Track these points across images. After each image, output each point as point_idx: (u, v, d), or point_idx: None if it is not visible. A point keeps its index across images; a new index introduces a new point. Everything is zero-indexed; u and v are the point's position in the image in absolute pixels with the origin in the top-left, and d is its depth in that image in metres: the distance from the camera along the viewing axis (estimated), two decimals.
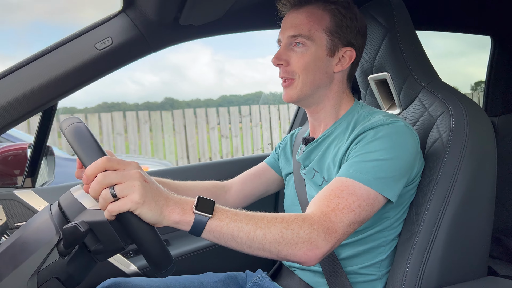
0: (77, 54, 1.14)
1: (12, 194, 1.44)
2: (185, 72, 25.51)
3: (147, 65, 25.04)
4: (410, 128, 1.01)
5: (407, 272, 1.01)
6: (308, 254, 0.83)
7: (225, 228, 0.80)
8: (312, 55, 1.07)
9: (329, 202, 0.89)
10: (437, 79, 1.22)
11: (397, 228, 1.08)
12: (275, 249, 0.82)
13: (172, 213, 0.77)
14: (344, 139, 1.06)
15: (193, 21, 1.25)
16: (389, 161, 0.94)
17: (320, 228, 0.85)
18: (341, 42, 1.08)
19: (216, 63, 31.19)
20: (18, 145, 1.56)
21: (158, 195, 0.76)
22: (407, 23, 1.21)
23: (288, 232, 0.82)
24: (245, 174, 1.38)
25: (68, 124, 0.85)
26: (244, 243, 0.81)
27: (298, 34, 1.06)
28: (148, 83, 25.05)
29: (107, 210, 0.74)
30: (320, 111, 1.14)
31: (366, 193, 0.91)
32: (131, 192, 0.73)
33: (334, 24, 1.07)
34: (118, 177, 0.73)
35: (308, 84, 1.08)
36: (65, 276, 0.80)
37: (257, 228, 0.81)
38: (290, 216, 0.85)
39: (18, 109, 1.09)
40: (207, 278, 1.23)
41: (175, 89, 23.12)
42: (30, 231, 0.83)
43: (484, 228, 1.06)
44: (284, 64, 1.09)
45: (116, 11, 1.21)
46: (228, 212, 0.82)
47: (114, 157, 1.10)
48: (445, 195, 1.01)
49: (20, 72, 1.11)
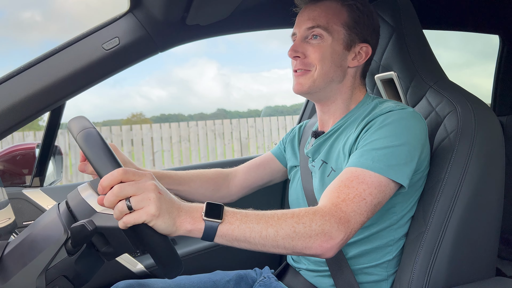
0: (85, 54, 1.15)
1: (20, 193, 1.46)
2: (192, 86, 25.80)
3: (154, 80, 25.37)
4: (419, 115, 1.02)
5: (415, 273, 1.01)
6: (323, 246, 0.83)
7: (237, 231, 0.80)
8: (329, 47, 1.07)
9: (340, 193, 0.89)
10: (444, 78, 1.21)
11: (404, 227, 1.07)
12: (289, 245, 0.82)
13: (184, 223, 0.78)
14: (353, 129, 1.06)
15: (199, 21, 1.25)
16: (399, 147, 0.95)
17: (332, 219, 0.84)
18: (358, 38, 1.08)
19: (222, 77, 31.48)
20: (26, 144, 1.58)
21: (172, 207, 0.77)
22: (414, 22, 1.20)
23: (300, 226, 0.82)
24: (250, 163, 1.38)
25: (79, 128, 0.83)
26: (257, 243, 0.81)
27: (316, 25, 1.06)
28: (156, 98, 25.44)
29: (122, 221, 0.74)
30: (330, 105, 1.14)
31: (377, 180, 0.91)
32: (146, 204, 0.73)
33: (352, 19, 1.07)
34: (134, 189, 0.73)
35: (322, 75, 1.07)
36: (73, 274, 0.81)
37: (268, 226, 0.81)
38: (300, 211, 0.85)
39: (27, 109, 1.10)
40: (218, 277, 1.24)
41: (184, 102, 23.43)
42: (39, 230, 0.83)
43: (492, 228, 1.05)
44: (301, 57, 1.08)
45: (123, 11, 1.22)
46: (238, 214, 0.82)
47: (131, 165, 1.11)
48: (452, 195, 1.01)
49: (29, 72, 1.12)
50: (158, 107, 24.95)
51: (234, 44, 40.97)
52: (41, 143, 1.50)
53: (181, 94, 24.96)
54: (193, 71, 31.88)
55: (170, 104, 24.27)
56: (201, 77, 33.30)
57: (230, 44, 40.25)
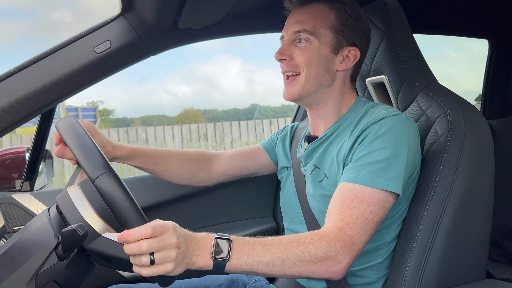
0: (76, 57, 1.15)
1: (10, 198, 1.44)
2: (216, 82, 26.20)
3: (179, 77, 25.78)
4: (411, 121, 1.03)
5: (406, 275, 1.01)
6: (330, 271, 0.89)
7: (244, 266, 0.85)
8: (316, 50, 1.07)
9: (343, 215, 0.92)
10: (434, 82, 1.22)
11: (396, 230, 1.08)
12: (296, 272, 0.88)
13: (195, 264, 0.84)
14: (347, 135, 1.06)
15: (191, 25, 1.25)
16: (395, 158, 0.96)
17: (337, 244, 0.89)
18: (346, 41, 1.08)
19: (246, 73, 31.62)
20: (16, 148, 1.56)
21: (187, 254, 0.82)
22: (404, 26, 1.21)
23: (306, 255, 0.87)
24: (237, 151, 1.36)
25: (104, 178, 0.77)
26: (265, 273, 0.88)
27: (302, 29, 1.07)
28: (182, 94, 25.79)
29: (139, 270, 0.79)
30: (321, 110, 1.14)
31: (376, 196, 0.94)
32: (166, 261, 0.79)
33: (340, 22, 1.08)
34: (159, 247, 0.78)
35: (310, 80, 1.08)
36: (63, 279, 0.80)
37: (274, 257, 0.86)
38: (306, 238, 0.89)
39: (17, 112, 1.09)
40: (209, 281, 1.23)
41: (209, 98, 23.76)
42: (29, 235, 0.82)
43: (483, 231, 1.06)
44: (288, 59, 1.09)
45: (114, 14, 1.21)
46: (245, 247, 0.86)
47: (108, 144, 1.14)
48: (443, 198, 1.01)
49: (19, 75, 1.11)
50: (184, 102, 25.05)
51: (258, 40, 41.12)
52: (31, 147, 1.49)
53: (205, 90, 25.14)
54: (217, 67, 32.04)
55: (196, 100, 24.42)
56: (225, 73, 33.52)
57: (254, 40, 40.40)
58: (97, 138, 1.10)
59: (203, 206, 1.71)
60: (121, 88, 31.93)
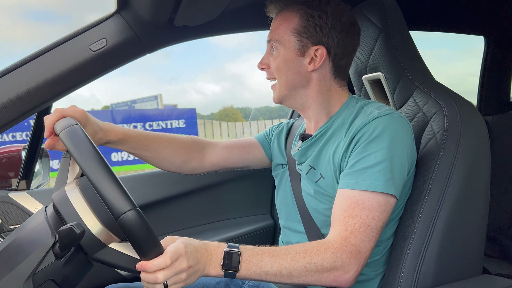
0: (72, 55, 1.14)
1: (6, 197, 1.44)
2: (244, 80, 26.25)
3: (209, 75, 25.80)
4: (405, 119, 1.03)
5: (403, 272, 1.02)
6: (338, 280, 0.93)
7: (253, 276, 0.90)
8: (282, 57, 1.10)
9: (346, 225, 0.94)
10: (430, 78, 1.22)
11: (392, 227, 1.08)
12: (303, 281, 0.92)
13: (207, 274, 0.89)
14: (342, 135, 1.06)
15: (188, 22, 1.25)
16: (392, 159, 0.96)
17: (343, 254, 0.92)
18: (310, 42, 1.08)
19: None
20: (12, 147, 1.55)
21: (198, 269, 0.87)
22: (400, 23, 1.22)
23: (312, 266, 0.91)
24: (232, 142, 1.35)
25: (130, 216, 0.75)
26: (273, 282, 0.93)
27: (271, 38, 1.12)
28: (211, 93, 25.86)
29: None
30: (307, 111, 1.15)
31: (377, 201, 0.95)
32: (178, 282, 0.84)
33: (302, 24, 1.08)
34: (172, 274, 0.82)
35: (283, 85, 1.12)
36: (61, 278, 0.80)
37: (282, 268, 0.91)
38: (312, 248, 0.92)
39: (13, 110, 1.09)
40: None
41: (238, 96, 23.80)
42: (25, 233, 0.82)
43: (479, 227, 1.06)
44: (266, 67, 1.15)
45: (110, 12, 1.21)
46: (254, 258, 0.90)
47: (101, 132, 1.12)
48: (440, 194, 1.02)
49: (15, 73, 1.10)
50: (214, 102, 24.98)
51: None
52: (27, 145, 1.48)
53: (235, 88, 25.12)
54: (245, 65, 31.99)
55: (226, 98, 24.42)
56: (254, 71, 33.57)
57: None
58: (89, 127, 1.05)
59: (201, 204, 1.72)
60: (152, 87, 32.03)
